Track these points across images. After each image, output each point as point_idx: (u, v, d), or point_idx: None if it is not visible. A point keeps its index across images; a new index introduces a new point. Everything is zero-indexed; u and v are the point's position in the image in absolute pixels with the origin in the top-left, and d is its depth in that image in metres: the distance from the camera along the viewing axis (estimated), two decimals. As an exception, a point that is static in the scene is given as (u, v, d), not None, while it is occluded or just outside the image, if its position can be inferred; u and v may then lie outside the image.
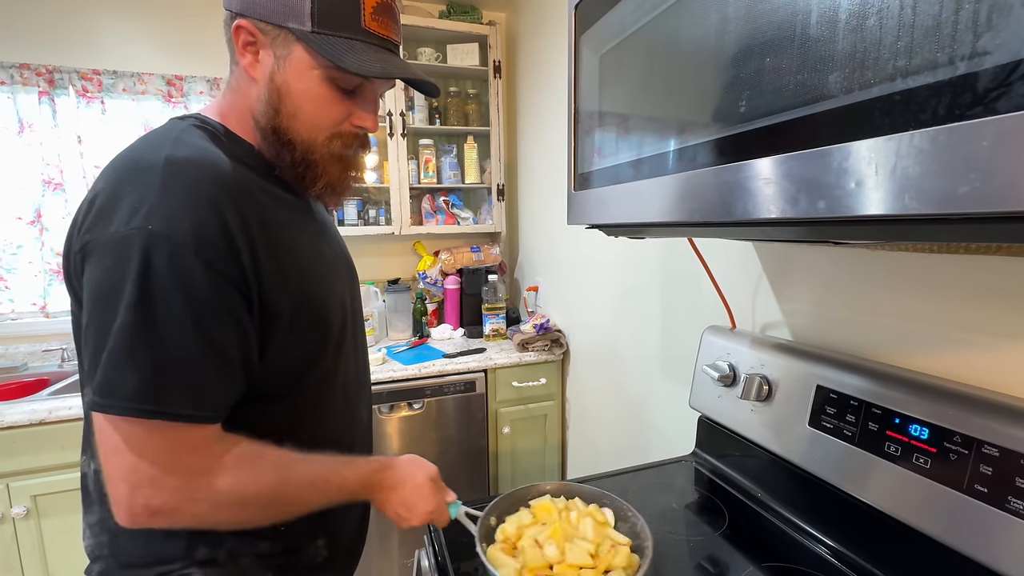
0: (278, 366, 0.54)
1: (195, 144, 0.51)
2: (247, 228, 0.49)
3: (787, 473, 0.73)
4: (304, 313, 0.55)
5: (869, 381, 0.62)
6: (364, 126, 0.59)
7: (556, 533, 0.63)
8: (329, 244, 0.66)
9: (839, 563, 0.64)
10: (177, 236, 0.44)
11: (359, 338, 0.72)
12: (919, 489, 0.55)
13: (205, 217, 0.46)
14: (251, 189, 0.52)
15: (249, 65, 0.54)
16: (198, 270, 0.45)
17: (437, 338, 1.95)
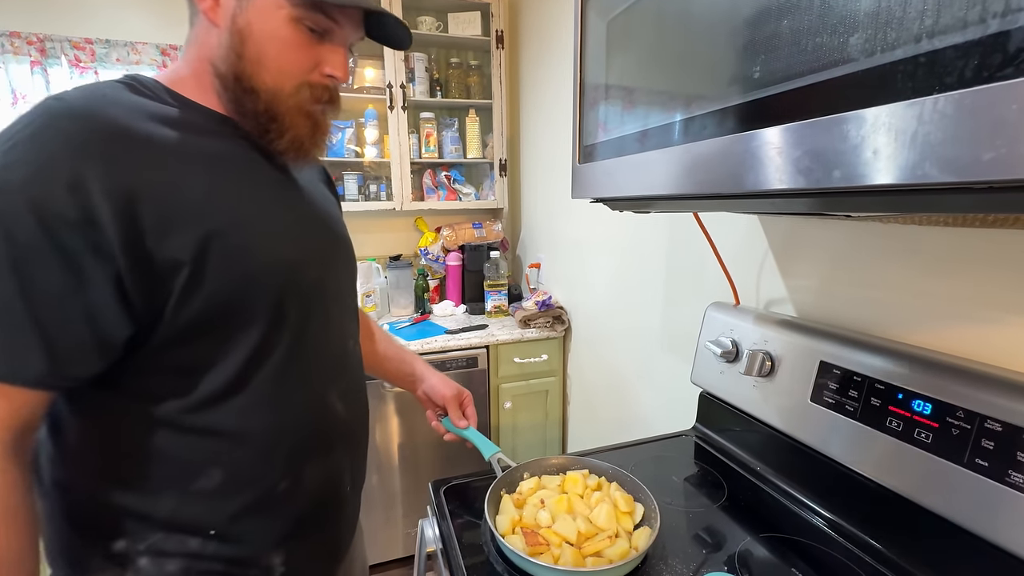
0: (194, 323, 0.48)
1: (91, 93, 0.46)
2: (120, 177, 0.43)
3: (787, 448, 0.74)
4: (216, 263, 0.48)
5: (873, 357, 0.62)
6: (335, 75, 0.54)
7: (561, 503, 0.65)
8: (304, 210, 0.60)
9: (836, 535, 0.65)
10: (12, 181, 0.40)
11: (341, 319, 0.65)
12: (920, 463, 0.55)
13: (54, 165, 0.41)
14: (149, 140, 0.46)
15: (209, 8, 0.49)
16: (24, 214, 0.40)
17: (439, 314, 1.95)
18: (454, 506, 0.74)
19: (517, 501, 0.68)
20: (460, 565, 0.62)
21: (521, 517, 0.65)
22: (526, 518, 0.64)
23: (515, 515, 0.65)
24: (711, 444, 0.90)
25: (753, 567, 0.61)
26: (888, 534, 0.60)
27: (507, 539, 0.61)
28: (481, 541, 0.66)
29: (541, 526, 0.62)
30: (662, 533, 0.67)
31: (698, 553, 0.64)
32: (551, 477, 0.74)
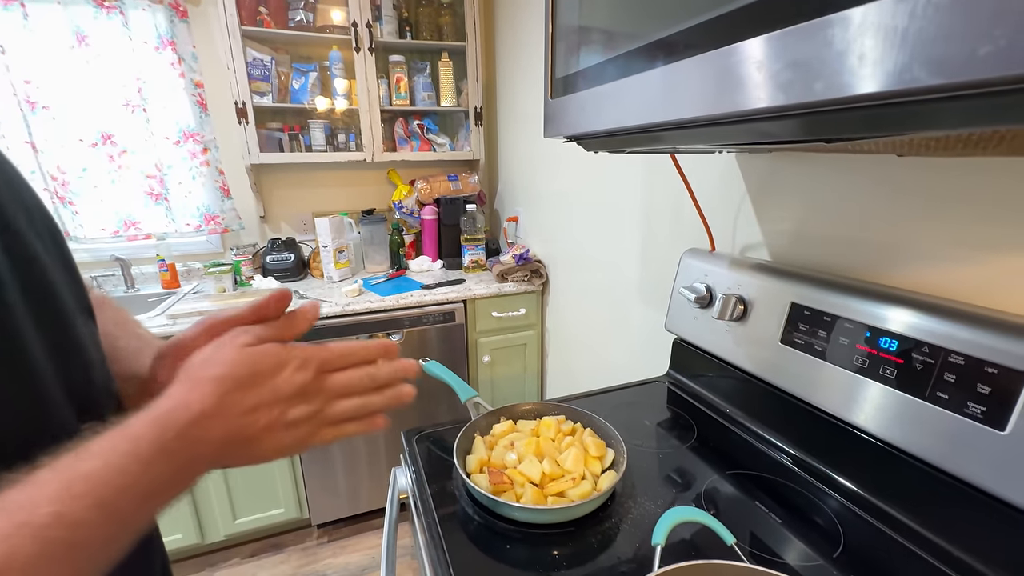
0: None
1: None
2: None
3: (756, 389, 0.75)
4: None
5: (842, 296, 0.62)
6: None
7: (530, 445, 0.65)
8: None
9: (800, 470, 0.67)
10: None
11: (42, 305, 0.33)
12: (883, 399, 0.56)
13: None
14: None
15: None
16: None
17: (415, 270, 1.92)
18: (428, 453, 0.74)
19: (489, 443, 0.69)
20: (431, 508, 0.62)
21: (490, 458, 0.65)
22: (494, 459, 0.64)
23: (484, 456, 0.65)
24: (683, 389, 0.91)
25: (719, 502, 0.63)
26: (850, 468, 0.62)
27: (473, 478, 0.61)
28: (453, 486, 0.67)
29: (508, 466, 0.62)
30: (632, 473, 0.68)
31: (667, 491, 0.65)
32: (526, 422, 0.74)
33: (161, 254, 1.77)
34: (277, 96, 1.74)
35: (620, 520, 0.59)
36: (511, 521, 0.59)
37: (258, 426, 0.32)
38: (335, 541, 1.71)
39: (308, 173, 1.97)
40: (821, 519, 0.59)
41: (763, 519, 0.59)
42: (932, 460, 0.52)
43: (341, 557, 1.64)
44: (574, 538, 0.57)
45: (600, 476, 0.63)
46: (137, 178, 1.72)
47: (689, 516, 0.48)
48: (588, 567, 0.53)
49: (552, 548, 0.55)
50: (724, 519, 0.58)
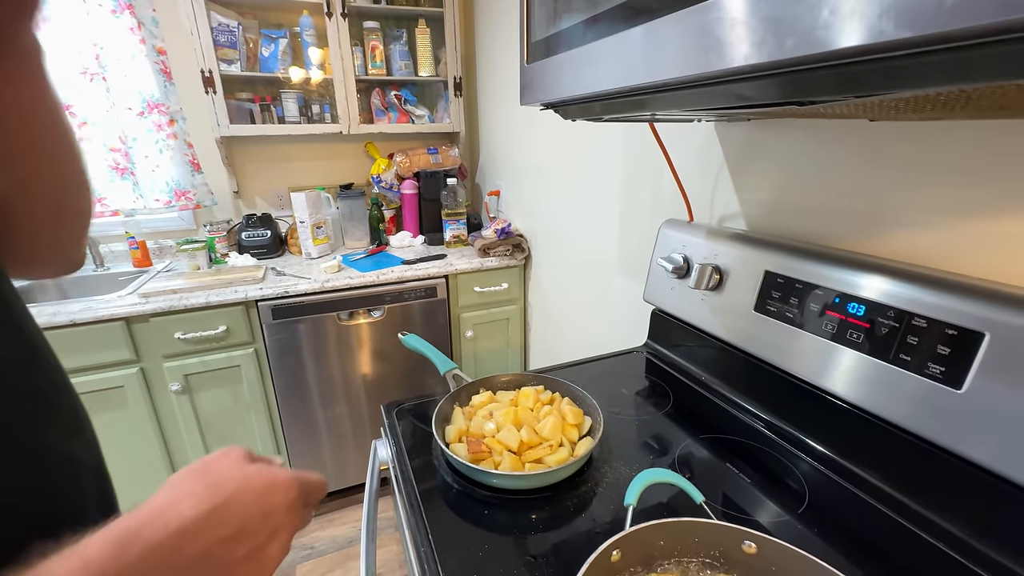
0: None
1: None
2: None
3: (731, 357, 0.77)
4: None
5: (814, 264, 0.63)
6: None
7: (508, 415, 0.65)
8: None
9: (772, 434, 0.69)
10: None
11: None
12: (851, 363, 0.58)
13: None
14: None
15: None
16: None
17: (396, 246, 1.89)
18: (408, 426, 0.74)
19: (468, 413, 0.69)
20: (410, 478, 0.62)
21: (468, 428, 0.65)
22: (473, 428, 0.65)
23: (463, 426, 0.66)
24: (661, 359, 0.92)
25: (692, 465, 0.65)
26: (820, 431, 0.64)
27: (452, 447, 0.61)
28: (433, 457, 0.67)
29: (486, 436, 0.63)
30: (609, 440, 0.69)
31: (642, 456, 0.66)
32: (505, 392, 0.75)
33: (130, 231, 1.71)
34: (246, 64, 1.67)
35: (596, 484, 0.61)
36: (490, 488, 0.60)
37: (237, 555, 0.28)
38: (322, 515, 1.72)
39: (282, 146, 1.91)
40: (789, 479, 0.61)
41: (734, 480, 0.61)
42: (895, 420, 0.54)
43: (328, 530, 1.66)
44: (551, 502, 0.58)
45: (577, 443, 0.64)
46: (100, 151, 1.64)
47: (660, 478, 0.49)
48: (564, 529, 0.54)
49: (530, 512, 0.57)
50: (697, 481, 0.60)
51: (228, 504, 0.28)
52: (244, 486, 0.30)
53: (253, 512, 0.29)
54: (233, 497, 0.29)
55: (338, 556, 1.56)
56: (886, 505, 0.55)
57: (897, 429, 0.54)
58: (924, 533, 0.51)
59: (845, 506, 0.57)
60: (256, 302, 1.43)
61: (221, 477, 0.29)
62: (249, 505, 0.29)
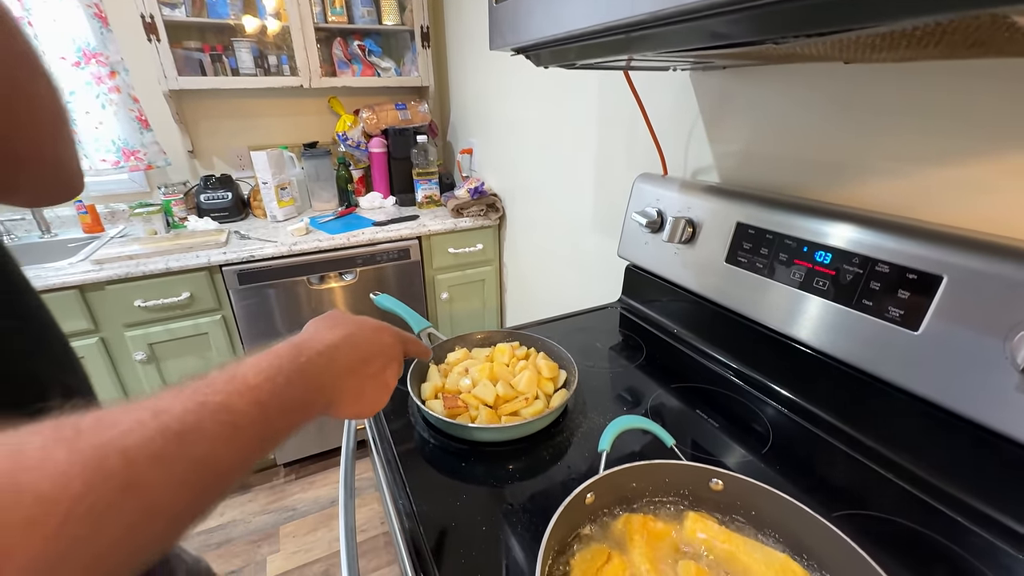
0: None
1: None
2: None
3: (703, 310, 0.78)
4: None
5: (784, 214, 0.63)
6: None
7: (483, 370, 0.65)
8: None
9: (741, 382, 0.71)
10: None
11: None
12: (817, 310, 0.59)
13: None
14: None
15: None
16: None
17: (366, 207, 1.83)
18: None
19: (443, 371, 0.69)
20: (386, 435, 0.62)
21: (444, 384, 0.65)
22: (449, 385, 0.65)
23: (439, 383, 0.66)
24: (634, 313, 0.94)
25: (664, 413, 0.67)
26: (787, 377, 0.67)
27: (428, 404, 0.61)
28: (409, 413, 0.67)
29: (462, 391, 0.63)
30: (583, 391, 0.70)
31: (616, 406, 0.68)
32: (481, 349, 0.75)
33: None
34: (191, 9, 1.53)
35: (571, 434, 0.62)
36: (467, 442, 0.60)
37: (368, 372, 0.38)
38: (303, 478, 1.74)
39: (238, 101, 1.79)
40: (755, 423, 0.64)
41: (703, 425, 0.64)
42: (855, 363, 0.56)
43: (310, 492, 1.68)
44: (527, 453, 0.59)
45: (552, 395, 0.65)
46: (34, 107, 1.50)
47: (632, 424, 0.51)
48: (540, 478, 0.55)
49: (507, 463, 0.58)
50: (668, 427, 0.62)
51: (355, 335, 0.38)
52: (361, 325, 0.40)
53: (372, 341, 0.40)
54: (357, 332, 0.39)
55: (320, 516, 1.58)
56: (841, 441, 0.58)
57: (856, 371, 0.57)
58: (876, 465, 0.54)
59: (805, 445, 0.60)
60: (220, 267, 1.38)
61: (343, 320, 0.40)
62: (369, 336, 0.40)
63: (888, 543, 0.46)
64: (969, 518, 0.47)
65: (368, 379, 0.38)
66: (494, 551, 0.46)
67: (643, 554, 0.41)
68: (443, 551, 0.46)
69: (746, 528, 0.44)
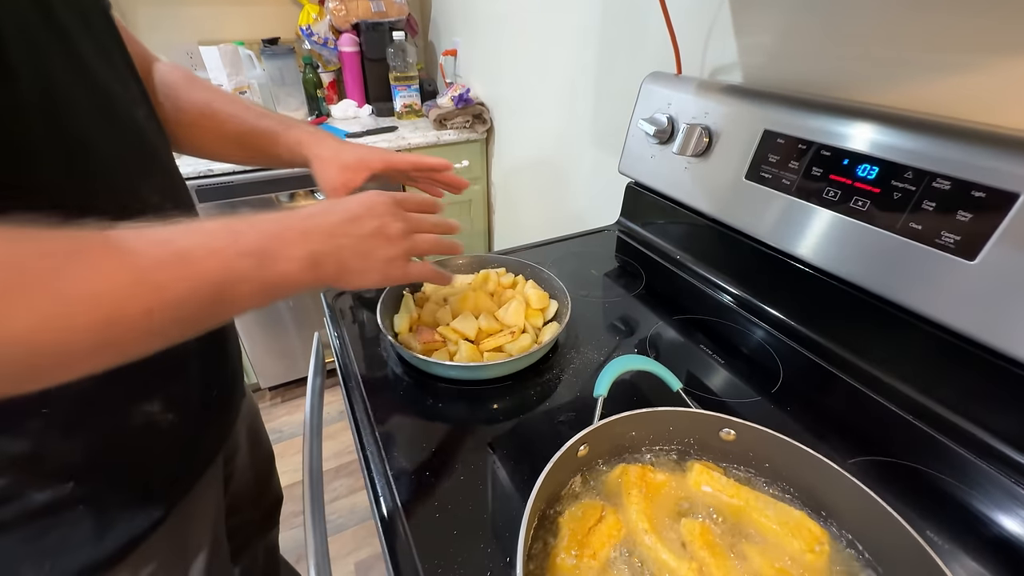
0: None
1: None
2: None
3: (712, 233, 0.69)
4: None
5: (823, 120, 0.53)
6: None
7: (464, 301, 0.58)
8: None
9: (751, 315, 0.65)
10: None
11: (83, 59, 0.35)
12: (849, 234, 0.51)
13: None
14: None
15: None
16: None
17: (339, 117, 1.65)
18: (352, 315, 0.66)
19: (420, 300, 0.61)
20: (354, 372, 0.56)
21: (420, 316, 0.58)
22: (425, 317, 0.57)
23: (414, 314, 0.58)
24: (633, 237, 0.85)
25: (662, 348, 0.61)
26: (803, 310, 0.60)
27: (401, 338, 0.54)
28: (380, 347, 0.60)
29: (440, 324, 0.56)
30: (576, 324, 0.63)
31: (611, 340, 0.62)
32: (464, 276, 0.66)
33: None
34: None
35: (561, 371, 0.56)
36: (445, 380, 0.54)
37: (358, 232, 0.38)
38: (288, 401, 1.73)
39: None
40: (765, 360, 0.58)
41: (706, 362, 0.58)
42: (892, 296, 0.49)
43: (296, 415, 1.68)
44: (513, 391, 0.53)
45: (541, 328, 0.58)
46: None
47: (633, 365, 0.44)
48: (527, 420, 0.50)
49: (490, 403, 0.52)
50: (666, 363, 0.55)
51: (333, 204, 0.39)
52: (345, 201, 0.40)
53: (358, 202, 0.39)
54: (337, 202, 0.39)
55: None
56: (863, 382, 0.53)
57: (888, 305, 0.50)
58: (904, 411, 0.49)
59: (820, 385, 0.54)
60: (176, 182, 1.24)
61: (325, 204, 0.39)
62: (352, 201, 0.40)
63: (916, 495, 0.42)
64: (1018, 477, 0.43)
65: (362, 240, 0.37)
66: (473, 505, 0.41)
67: (641, 510, 0.36)
68: (416, 505, 0.41)
69: (756, 481, 0.39)
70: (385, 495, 0.42)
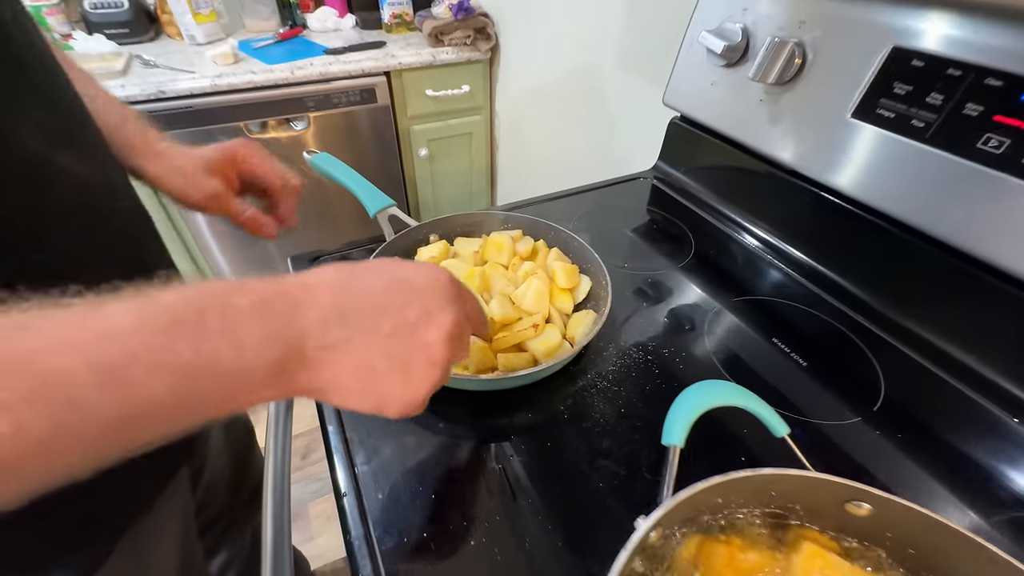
0: None
1: None
2: None
3: (790, 192, 0.54)
4: None
5: (990, 29, 0.36)
6: None
7: (471, 277, 0.44)
8: None
9: (840, 303, 0.51)
10: None
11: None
12: (1012, 199, 0.37)
13: None
14: None
15: None
16: None
17: (317, 29, 1.40)
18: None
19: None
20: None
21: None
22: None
23: None
24: (678, 189, 0.69)
25: (722, 341, 0.47)
26: (927, 308, 0.46)
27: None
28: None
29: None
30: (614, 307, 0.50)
31: (663, 334, 0.48)
32: (468, 241, 0.52)
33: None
34: None
35: (599, 376, 0.43)
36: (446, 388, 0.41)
37: (386, 328, 0.23)
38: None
39: None
40: (858, 362, 0.45)
41: (780, 363, 0.45)
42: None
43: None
44: (534, 405, 0.40)
45: (571, 317, 0.45)
46: None
47: (719, 398, 0.31)
48: (553, 447, 0.37)
49: (504, 420, 0.39)
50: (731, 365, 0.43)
51: (365, 272, 0.25)
52: (389, 264, 0.26)
53: (402, 280, 0.25)
54: (373, 268, 0.25)
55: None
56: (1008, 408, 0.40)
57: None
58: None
59: (942, 404, 0.41)
60: (122, 106, 1.04)
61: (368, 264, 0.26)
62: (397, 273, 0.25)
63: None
64: None
65: (387, 339, 0.23)
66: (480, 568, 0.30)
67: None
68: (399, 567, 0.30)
69: (893, 571, 0.28)
70: (366, 568, 0.31)
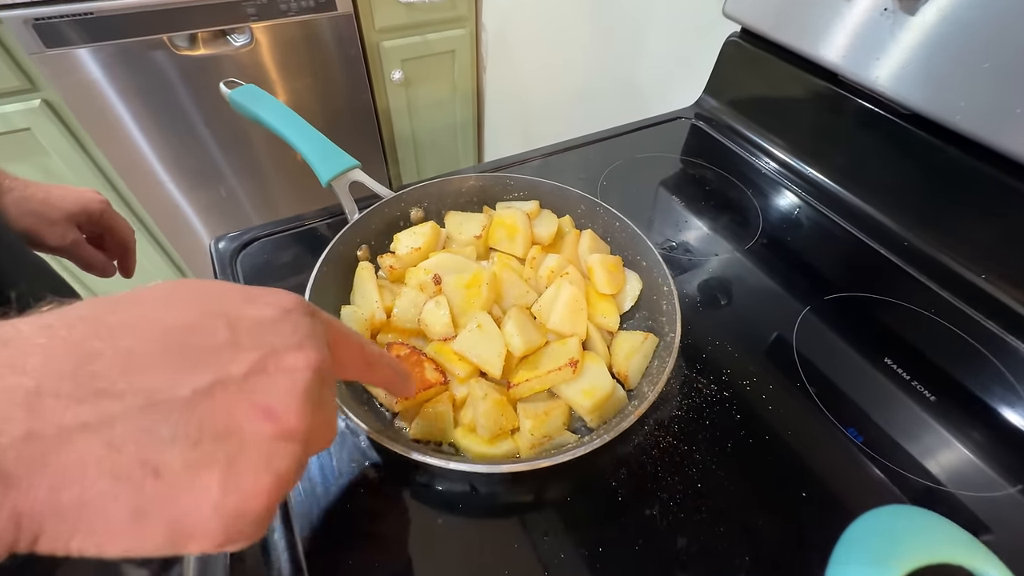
0: None
1: None
2: None
3: (909, 146, 0.40)
4: None
5: None
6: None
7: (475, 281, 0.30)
8: None
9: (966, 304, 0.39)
10: None
11: None
12: None
13: None
14: None
15: None
16: None
17: (254, -92, 1.10)
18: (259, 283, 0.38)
19: (389, 271, 0.33)
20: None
21: (391, 310, 0.30)
22: (400, 314, 0.30)
23: (375, 305, 0.30)
24: (735, 136, 0.53)
25: (813, 363, 0.35)
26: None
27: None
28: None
29: (430, 336, 0.29)
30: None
31: (727, 354, 0.35)
32: (465, 218, 0.37)
33: None
34: None
35: (658, 433, 0.31)
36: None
37: (234, 373, 0.15)
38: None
39: None
40: (1004, 395, 0.34)
41: (900, 401, 0.33)
42: None
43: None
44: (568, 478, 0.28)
45: (617, 336, 0.32)
46: None
47: (928, 557, 0.19)
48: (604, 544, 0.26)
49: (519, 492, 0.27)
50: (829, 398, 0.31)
51: (124, 305, 0.15)
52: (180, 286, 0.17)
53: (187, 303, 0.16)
54: (139, 299, 0.16)
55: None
56: None
57: None
58: None
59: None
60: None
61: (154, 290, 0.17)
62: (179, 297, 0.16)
63: None
64: None
65: (188, 408, 0.13)
66: None
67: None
68: None
69: None
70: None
